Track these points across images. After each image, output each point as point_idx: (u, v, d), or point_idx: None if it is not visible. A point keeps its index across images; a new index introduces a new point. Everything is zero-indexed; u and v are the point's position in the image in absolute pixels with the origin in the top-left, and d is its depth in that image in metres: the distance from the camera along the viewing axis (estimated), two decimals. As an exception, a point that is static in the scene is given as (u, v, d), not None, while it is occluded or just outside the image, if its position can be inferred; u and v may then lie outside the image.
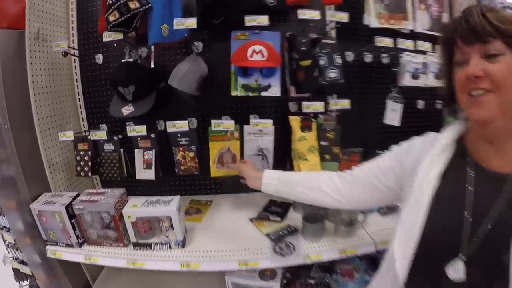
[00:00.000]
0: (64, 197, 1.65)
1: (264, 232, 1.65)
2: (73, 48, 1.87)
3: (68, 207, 1.58)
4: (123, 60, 1.71)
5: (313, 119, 1.68)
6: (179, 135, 1.74)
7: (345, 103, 1.67)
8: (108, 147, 1.87)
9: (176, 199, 1.57)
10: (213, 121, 1.63)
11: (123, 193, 1.66)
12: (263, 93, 1.53)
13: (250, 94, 1.53)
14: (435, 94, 1.91)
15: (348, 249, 1.57)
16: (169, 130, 1.68)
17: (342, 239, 1.60)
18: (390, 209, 1.82)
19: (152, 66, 1.69)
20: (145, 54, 1.79)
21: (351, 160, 1.82)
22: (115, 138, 1.83)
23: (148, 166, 1.80)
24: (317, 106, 1.61)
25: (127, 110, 1.63)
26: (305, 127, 1.67)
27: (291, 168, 1.73)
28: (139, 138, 1.79)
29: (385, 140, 2.05)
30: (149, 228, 1.59)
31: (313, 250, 1.55)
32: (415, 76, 1.81)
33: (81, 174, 1.86)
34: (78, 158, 1.85)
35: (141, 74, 1.65)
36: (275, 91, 1.53)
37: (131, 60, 1.73)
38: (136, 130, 1.71)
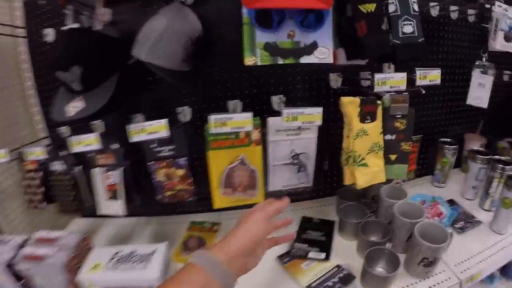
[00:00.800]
0: (9, 245, 1.03)
1: (303, 283, 1.02)
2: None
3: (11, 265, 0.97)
4: (63, 28, 1.01)
5: (378, 102, 1.02)
6: (155, 144, 1.05)
7: (435, 76, 0.99)
8: (57, 166, 1.17)
9: (160, 252, 0.99)
10: (212, 117, 0.92)
11: (82, 239, 1.06)
12: (304, 59, 0.83)
13: (280, 61, 0.83)
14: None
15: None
16: (135, 138, 0.98)
17: (415, 282, 1.02)
18: (467, 223, 1.24)
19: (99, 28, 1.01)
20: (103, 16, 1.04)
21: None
22: (60, 153, 1.15)
23: (113, 194, 1.11)
24: (397, 80, 0.94)
25: (74, 108, 0.93)
26: (366, 115, 1.00)
27: (339, 181, 1.10)
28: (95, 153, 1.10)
29: (449, 123, 1.50)
30: None
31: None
32: (508, 38, 1.15)
33: (32, 205, 1.20)
34: (25, 182, 1.19)
35: (91, 47, 0.94)
36: (325, 54, 0.83)
37: (77, 26, 1.02)
38: (83, 143, 1.02)
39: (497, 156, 1.30)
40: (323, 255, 1.10)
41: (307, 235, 1.20)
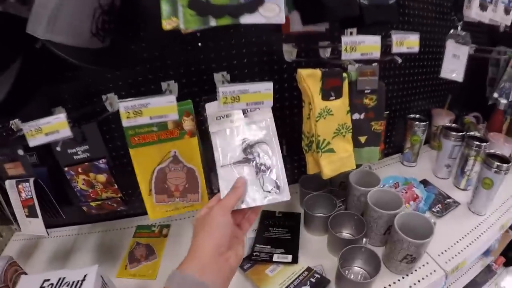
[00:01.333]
0: None
1: (268, 292, 0.85)
2: None
3: None
4: None
5: (344, 74, 0.83)
6: (60, 147, 0.81)
7: (413, 42, 0.80)
8: None
9: (91, 279, 0.77)
10: (122, 104, 0.65)
11: (8, 266, 0.87)
12: (246, 19, 0.57)
13: (213, 23, 0.57)
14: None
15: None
16: (32, 141, 0.71)
17: (398, 279, 0.88)
18: (444, 205, 1.13)
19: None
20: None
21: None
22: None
23: (30, 211, 0.87)
24: (369, 46, 0.74)
25: None
26: (330, 91, 0.81)
27: (302, 166, 0.91)
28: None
29: (416, 98, 1.35)
30: None
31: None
32: (483, 6, 1.00)
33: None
34: None
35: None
36: (274, 12, 0.58)
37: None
38: None
39: (472, 133, 1.17)
40: (289, 258, 0.92)
41: (269, 233, 1.02)
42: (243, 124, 0.69)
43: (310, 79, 0.78)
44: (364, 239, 0.89)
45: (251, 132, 0.69)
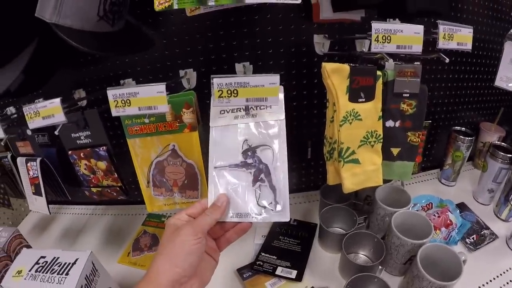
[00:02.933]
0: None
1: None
2: None
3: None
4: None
5: (378, 72, 0.66)
6: (59, 131, 0.72)
7: (465, 37, 0.61)
8: None
9: (81, 263, 0.71)
10: (110, 91, 0.55)
11: (12, 237, 0.82)
12: None
13: (211, 3, 0.43)
14: None
15: None
16: (32, 124, 0.65)
17: None
18: (480, 236, 0.89)
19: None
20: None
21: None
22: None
23: (36, 189, 0.81)
24: (408, 37, 0.55)
25: None
26: (359, 91, 0.64)
27: (324, 178, 0.75)
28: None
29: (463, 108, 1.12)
30: None
31: None
32: None
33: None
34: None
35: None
36: None
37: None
38: None
39: (525, 155, 0.94)
40: (294, 274, 0.77)
41: (279, 242, 0.86)
42: (249, 122, 0.54)
43: (335, 75, 0.62)
44: (380, 267, 0.72)
45: (256, 133, 0.54)
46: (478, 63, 1.04)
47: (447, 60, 0.65)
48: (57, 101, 0.62)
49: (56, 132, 0.70)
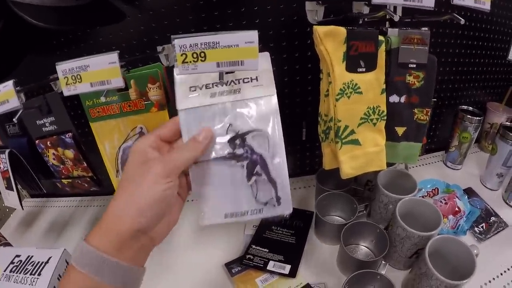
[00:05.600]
0: None
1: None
2: None
3: None
4: None
5: (380, 37, 0.53)
6: (17, 118, 0.57)
7: None
8: None
9: (54, 262, 0.64)
10: (60, 66, 0.42)
11: None
12: None
13: None
14: None
15: None
16: None
17: None
18: (489, 225, 0.77)
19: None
20: None
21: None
22: None
23: (8, 183, 0.71)
24: None
25: None
26: (358, 58, 0.52)
27: (317, 163, 0.63)
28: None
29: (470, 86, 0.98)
30: None
31: None
32: None
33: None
34: None
35: None
36: None
37: None
38: None
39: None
40: (287, 269, 0.65)
41: (271, 233, 0.74)
42: (231, 101, 0.41)
43: (329, 40, 0.49)
44: (383, 262, 0.60)
45: (243, 114, 0.41)
46: (487, 38, 0.90)
47: (462, 22, 0.52)
48: (9, 84, 0.51)
49: (14, 119, 0.59)
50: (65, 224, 0.97)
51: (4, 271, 0.67)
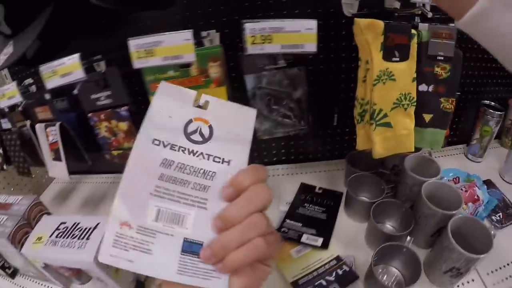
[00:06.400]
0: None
1: (288, 277, 0.70)
2: None
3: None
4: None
5: (413, 31, 0.63)
6: (78, 90, 0.73)
7: None
8: (6, 124, 0.94)
9: (102, 228, 0.69)
10: (132, 41, 0.54)
11: (33, 205, 0.82)
12: None
13: None
14: None
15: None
16: (49, 83, 0.65)
17: None
18: (506, 215, 0.86)
19: None
20: None
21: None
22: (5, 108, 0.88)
23: (56, 155, 0.82)
24: None
25: (5, 55, 0.70)
26: (393, 49, 0.62)
27: (353, 144, 0.73)
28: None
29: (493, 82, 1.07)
30: (76, 271, 0.79)
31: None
32: None
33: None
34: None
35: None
36: None
37: None
38: (6, 95, 0.77)
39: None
40: (319, 241, 0.76)
41: (304, 209, 0.85)
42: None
43: (369, 31, 0.59)
44: (409, 238, 0.70)
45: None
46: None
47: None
48: (76, 56, 0.61)
49: (75, 91, 0.69)
50: (99, 199, 1.08)
51: (49, 237, 0.73)
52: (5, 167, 0.99)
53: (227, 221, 0.31)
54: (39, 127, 0.85)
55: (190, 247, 0.31)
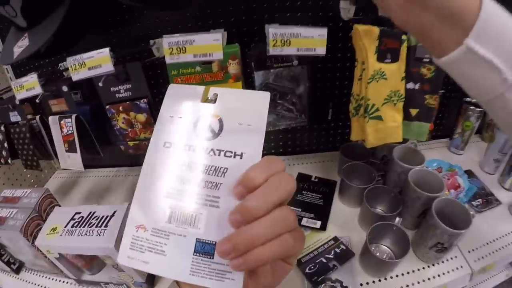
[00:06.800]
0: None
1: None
2: None
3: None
4: None
5: (404, 36, 0.74)
6: (102, 82, 0.80)
7: None
8: (14, 117, 0.99)
9: (119, 215, 0.75)
10: (166, 39, 0.62)
11: (43, 197, 0.87)
12: None
13: None
14: None
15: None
16: (76, 75, 0.72)
17: (423, 267, 0.80)
18: (485, 201, 0.99)
19: None
20: None
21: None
22: (17, 101, 0.93)
23: (70, 146, 0.88)
24: None
25: (20, 47, 0.73)
26: (386, 52, 0.73)
27: (345, 134, 0.84)
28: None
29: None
30: (90, 260, 0.84)
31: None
32: None
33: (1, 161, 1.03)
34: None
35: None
36: None
37: None
38: (25, 87, 0.82)
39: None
40: (318, 224, 0.87)
41: (302, 196, 0.97)
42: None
43: (366, 36, 0.70)
44: (398, 218, 0.82)
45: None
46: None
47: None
48: (106, 50, 0.69)
49: (100, 84, 0.77)
50: (103, 192, 1.14)
51: (65, 227, 0.77)
52: (9, 161, 1.02)
53: (247, 214, 0.28)
54: (52, 119, 0.90)
55: (203, 248, 0.32)
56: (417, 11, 0.38)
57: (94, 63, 0.70)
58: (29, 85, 0.83)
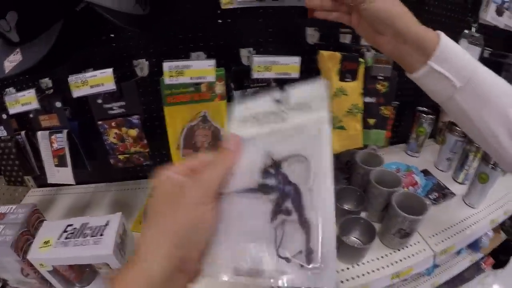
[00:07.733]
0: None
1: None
2: None
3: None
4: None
5: (360, 59, 0.95)
6: (101, 99, 0.92)
7: None
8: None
9: (114, 224, 0.85)
10: (167, 64, 0.80)
11: (31, 213, 0.92)
12: None
13: None
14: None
15: (403, 270, 0.98)
16: (76, 92, 0.85)
17: (390, 252, 1.01)
18: (441, 194, 1.24)
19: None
20: None
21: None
22: (3, 116, 1.02)
23: (60, 161, 0.99)
24: None
25: (11, 62, 0.79)
26: (346, 73, 0.94)
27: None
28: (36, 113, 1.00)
29: (425, 94, 1.46)
30: (80, 273, 0.91)
31: (351, 274, 0.95)
32: (500, 11, 1.11)
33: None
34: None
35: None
36: None
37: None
38: (21, 102, 0.91)
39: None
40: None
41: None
42: (276, 128, 0.42)
43: (330, 60, 0.91)
44: (364, 213, 1.02)
45: (285, 141, 0.41)
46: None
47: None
48: (109, 71, 0.83)
49: (99, 101, 0.89)
50: (83, 207, 1.21)
51: (58, 238, 0.82)
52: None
53: None
54: (42, 134, 0.98)
55: None
56: (400, 45, 0.60)
57: (96, 81, 0.83)
58: (26, 100, 0.91)
